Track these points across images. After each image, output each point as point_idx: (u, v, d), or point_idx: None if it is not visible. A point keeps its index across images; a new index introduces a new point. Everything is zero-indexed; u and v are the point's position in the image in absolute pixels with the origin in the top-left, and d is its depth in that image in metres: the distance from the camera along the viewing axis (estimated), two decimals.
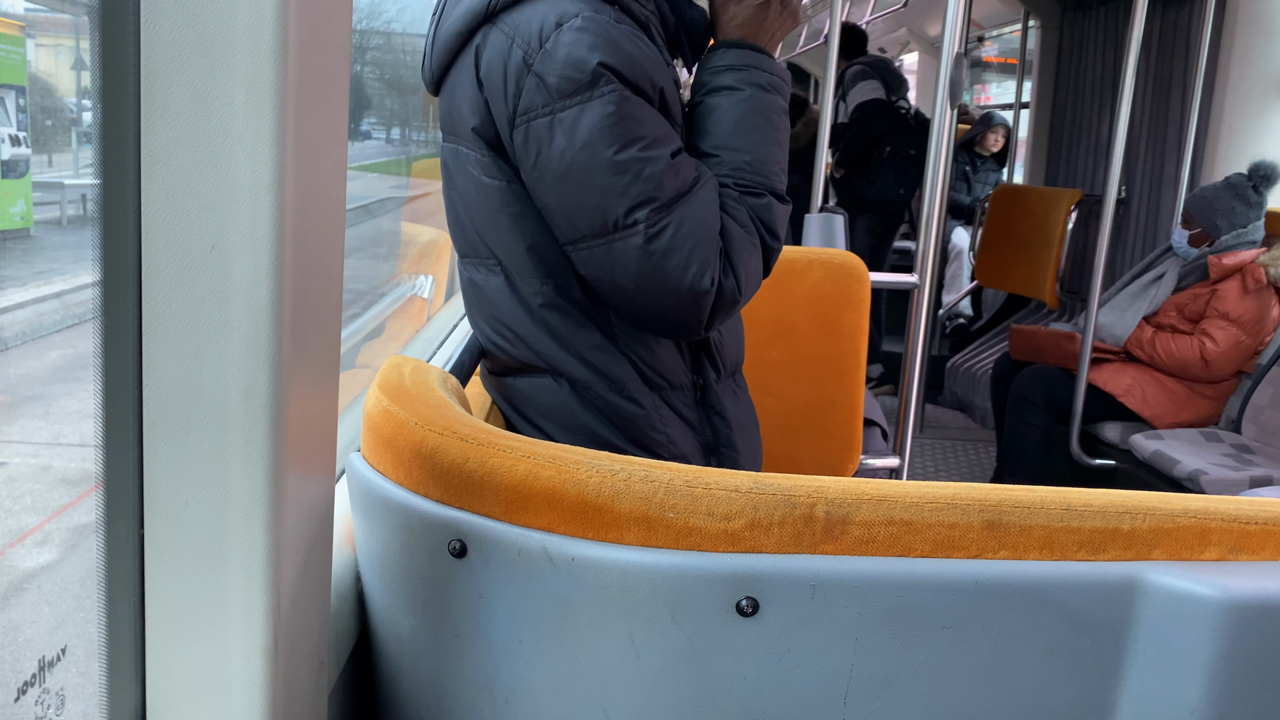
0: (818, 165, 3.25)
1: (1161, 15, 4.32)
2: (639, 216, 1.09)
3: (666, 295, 1.12)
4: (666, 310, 1.14)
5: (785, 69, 1.26)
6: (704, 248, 1.11)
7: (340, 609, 0.96)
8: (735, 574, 0.80)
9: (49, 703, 0.73)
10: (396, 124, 3.71)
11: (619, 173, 1.07)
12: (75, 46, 1.24)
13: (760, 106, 1.21)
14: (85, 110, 1.23)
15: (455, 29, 1.14)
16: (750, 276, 1.18)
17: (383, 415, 0.94)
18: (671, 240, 1.10)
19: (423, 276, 3.04)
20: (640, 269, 1.11)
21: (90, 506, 0.64)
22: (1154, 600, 0.83)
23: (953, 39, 2.25)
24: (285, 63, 0.61)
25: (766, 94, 1.22)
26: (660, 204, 1.09)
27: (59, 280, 1.40)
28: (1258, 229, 3.45)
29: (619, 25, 1.08)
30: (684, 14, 1.22)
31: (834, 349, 2.21)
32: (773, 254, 1.21)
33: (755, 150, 1.20)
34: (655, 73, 1.10)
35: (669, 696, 0.82)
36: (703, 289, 1.12)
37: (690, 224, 1.11)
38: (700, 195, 1.13)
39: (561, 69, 1.05)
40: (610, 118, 1.06)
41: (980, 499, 0.84)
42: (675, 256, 1.11)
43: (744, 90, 1.21)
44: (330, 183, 0.70)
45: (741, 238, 1.16)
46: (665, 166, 1.09)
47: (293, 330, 0.65)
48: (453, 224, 1.27)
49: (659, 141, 1.10)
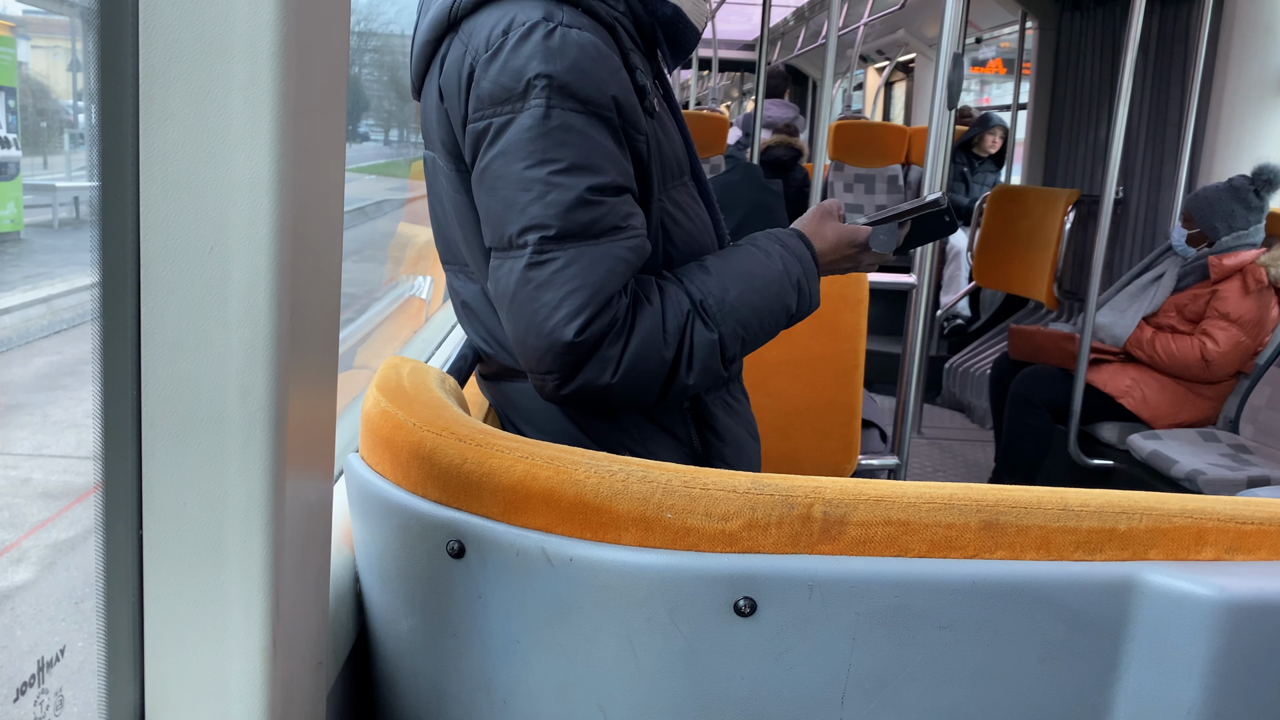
0: (816, 166, 3.26)
1: (1159, 15, 4.32)
2: (529, 239, 1.03)
3: (530, 331, 1.04)
4: (527, 348, 1.05)
5: (818, 299, 1.25)
6: (581, 296, 1.02)
7: (339, 610, 0.96)
8: (733, 574, 0.80)
9: (47, 703, 0.73)
10: (395, 125, 3.71)
11: (523, 189, 1.02)
12: (71, 48, 1.23)
13: (779, 291, 1.18)
14: (81, 112, 1.23)
15: (425, 37, 1.12)
16: (635, 371, 1.06)
17: (381, 416, 0.94)
18: (552, 275, 1.02)
19: (421, 277, 3.04)
20: (516, 293, 1.04)
21: (70, 522, 0.64)
22: (1150, 600, 0.83)
23: (950, 40, 2.26)
24: (284, 64, 0.61)
25: (791, 292, 1.19)
26: (553, 234, 1.02)
27: (46, 285, 1.39)
28: (1258, 231, 3.45)
29: (570, 31, 1.03)
30: (656, 10, 1.17)
31: (832, 349, 2.21)
32: (678, 380, 1.10)
33: (743, 302, 1.14)
34: (609, 83, 1.05)
35: (667, 696, 0.82)
36: (564, 338, 1.02)
37: (579, 267, 1.02)
38: (607, 247, 1.04)
39: (497, 76, 1.02)
40: (530, 130, 1.01)
41: (977, 499, 0.84)
42: (549, 292, 1.02)
43: (780, 267, 1.19)
44: (329, 184, 0.70)
45: (655, 332, 1.07)
46: (574, 198, 1.02)
47: (291, 331, 0.65)
48: (435, 231, 1.26)
49: (581, 170, 1.03)
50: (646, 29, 1.18)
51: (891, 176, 7.02)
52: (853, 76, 10.24)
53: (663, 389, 1.11)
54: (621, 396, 1.08)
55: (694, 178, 1.26)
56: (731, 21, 10.12)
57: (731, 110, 17.42)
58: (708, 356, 1.12)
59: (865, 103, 10.72)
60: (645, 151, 1.11)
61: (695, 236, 1.21)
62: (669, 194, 1.18)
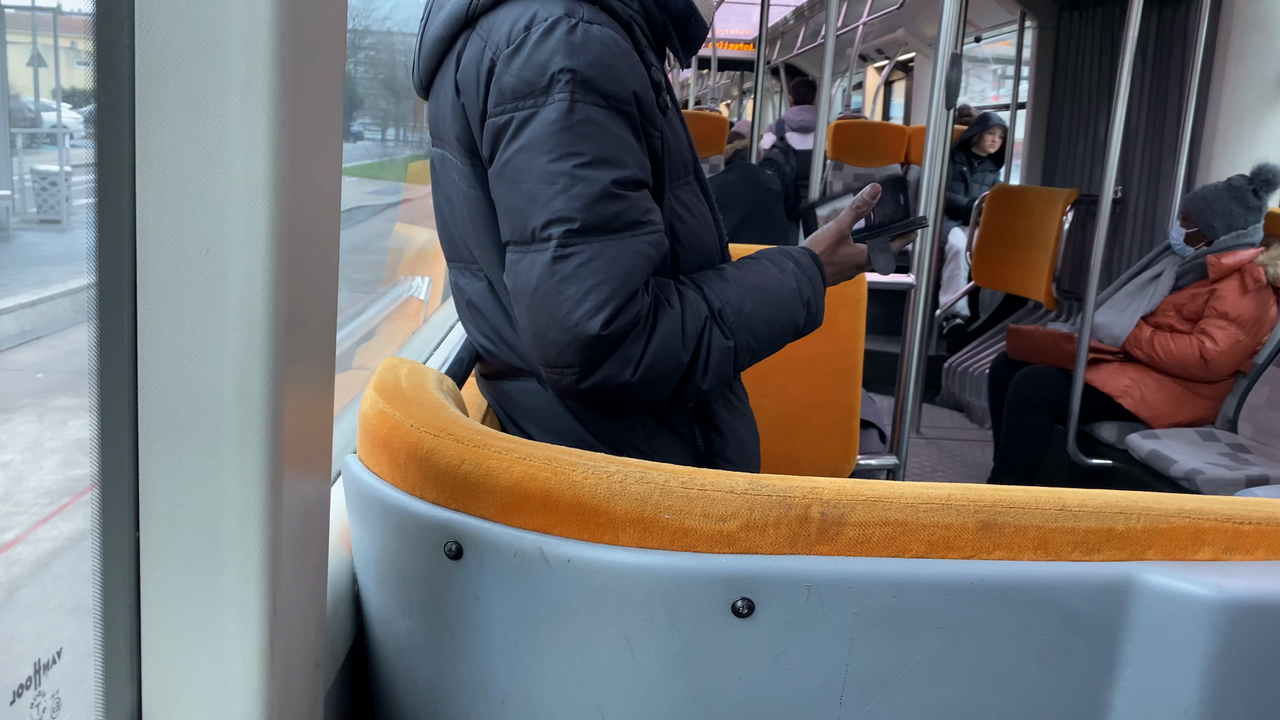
0: (815, 165, 3.26)
1: (1158, 15, 4.32)
2: (553, 233, 1.02)
3: (553, 324, 1.03)
4: (548, 342, 1.04)
5: (822, 318, 1.29)
6: (606, 289, 1.02)
7: (336, 611, 0.96)
8: (731, 575, 0.80)
9: (44, 705, 0.73)
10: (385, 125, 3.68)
11: (547, 182, 1.02)
12: (33, 42, 1.22)
13: (790, 308, 1.21)
14: (46, 111, 1.21)
15: (439, 34, 1.13)
16: (654, 370, 1.06)
17: (378, 417, 0.94)
18: (577, 269, 1.02)
19: (419, 278, 3.03)
20: (538, 286, 1.03)
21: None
22: (1148, 600, 0.83)
23: (949, 40, 2.26)
24: (280, 65, 0.61)
25: (801, 310, 1.23)
26: (578, 228, 1.02)
27: None
28: (1257, 230, 3.45)
29: (591, 26, 1.04)
30: (670, 5, 1.18)
31: (830, 349, 2.21)
32: (692, 383, 1.11)
33: (757, 315, 1.17)
34: (630, 78, 1.06)
35: (665, 697, 0.82)
36: (589, 331, 1.02)
37: (602, 261, 1.02)
38: (629, 242, 1.04)
39: (520, 71, 1.03)
40: (554, 124, 1.02)
41: (975, 499, 0.84)
42: (574, 286, 1.02)
43: (793, 285, 1.22)
44: (325, 184, 0.70)
45: (674, 334, 1.08)
46: (599, 191, 1.02)
47: (288, 332, 0.65)
48: (440, 228, 1.26)
49: (604, 164, 1.03)
50: (658, 26, 1.19)
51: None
52: (852, 76, 10.24)
53: (676, 391, 1.11)
54: (638, 395, 1.08)
55: (695, 177, 1.27)
56: (731, 21, 10.13)
57: (731, 109, 17.42)
58: (721, 363, 1.13)
59: (865, 102, 10.72)
60: (659, 148, 1.12)
61: (700, 235, 1.22)
62: (676, 192, 1.19)
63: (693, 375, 1.11)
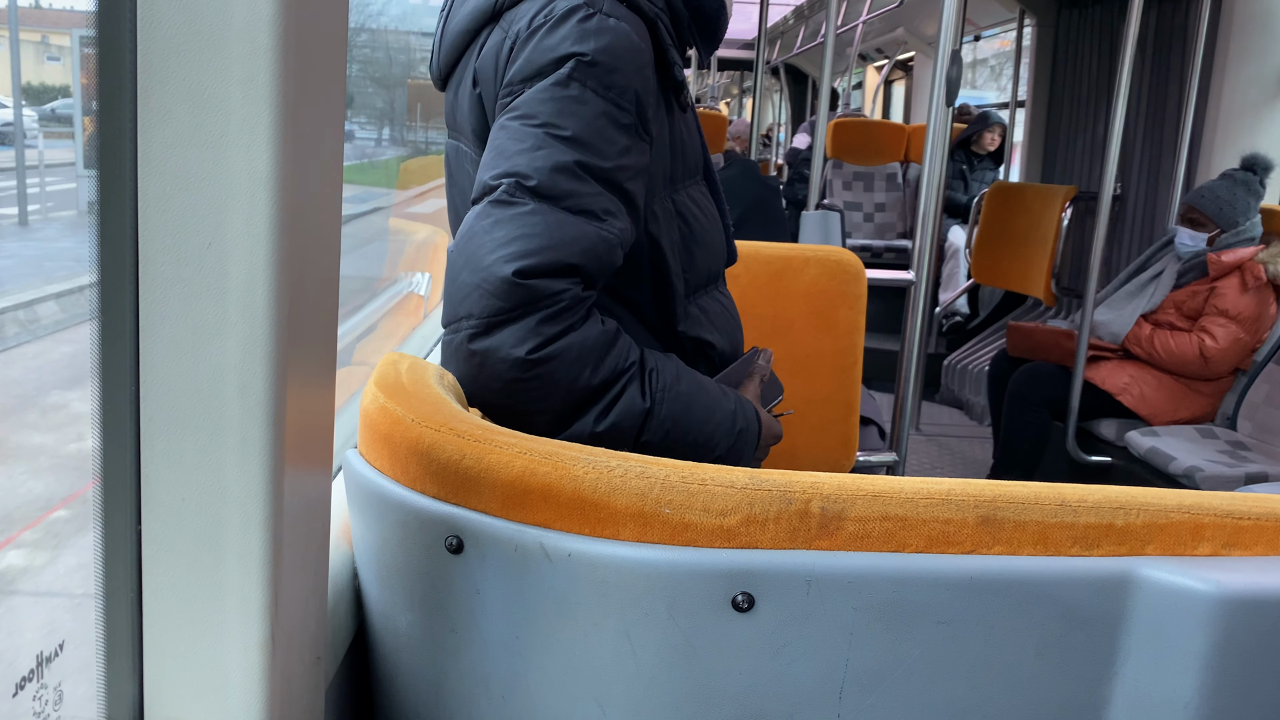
0: (815, 163, 3.26)
1: (1157, 12, 4.32)
2: (504, 182, 0.98)
3: (466, 267, 0.97)
4: (457, 286, 0.98)
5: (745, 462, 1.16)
6: (535, 242, 0.95)
7: (337, 605, 0.96)
8: (731, 569, 0.80)
9: (47, 698, 0.73)
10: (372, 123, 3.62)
11: (517, 139, 1.00)
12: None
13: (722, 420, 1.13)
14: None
15: (462, 27, 1.14)
16: (551, 371, 0.97)
17: (379, 412, 0.94)
18: (514, 216, 0.96)
19: (417, 275, 3.03)
20: (470, 228, 0.99)
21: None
22: (1148, 595, 0.83)
23: (948, 38, 2.26)
24: (281, 60, 0.61)
25: (729, 435, 1.13)
26: (531, 186, 0.97)
27: None
28: (1256, 225, 3.46)
29: (608, 19, 1.04)
30: (702, 5, 1.18)
31: (830, 346, 2.21)
32: (583, 420, 1.01)
33: (686, 401, 1.08)
34: (635, 79, 1.04)
35: (665, 691, 0.82)
36: (501, 273, 0.94)
37: (544, 221, 0.96)
38: (579, 222, 0.98)
39: (530, 54, 1.03)
40: (543, 92, 1.01)
41: (975, 495, 0.84)
42: (504, 229, 0.96)
43: (731, 408, 1.14)
44: (327, 179, 0.70)
45: (593, 352, 1.00)
46: (563, 163, 0.98)
47: (290, 326, 0.65)
48: (452, 219, 1.27)
49: (579, 144, 1.00)
50: (684, 24, 1.20)
51: (890, 174, 7.02)
52: (851, 75, 10.24)
53: (564, 416, 1.01)
54: (522, 393, 0.98)
55: (706, 176, 1.28)
56: (731, 20, 10.11)
57: (731, 108, 17.41)
58: (626, 419, 1.03)
59: (865, 101, 10.72)
60: (665, 147, 1.12)
61: (711, 232, 1.23)
62: (688, 189, 1.20)
63: (590, 408, 1.01)
